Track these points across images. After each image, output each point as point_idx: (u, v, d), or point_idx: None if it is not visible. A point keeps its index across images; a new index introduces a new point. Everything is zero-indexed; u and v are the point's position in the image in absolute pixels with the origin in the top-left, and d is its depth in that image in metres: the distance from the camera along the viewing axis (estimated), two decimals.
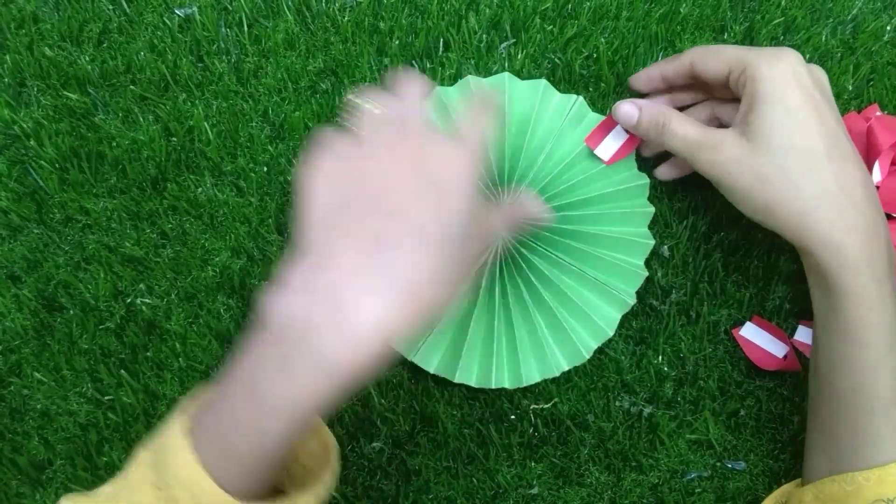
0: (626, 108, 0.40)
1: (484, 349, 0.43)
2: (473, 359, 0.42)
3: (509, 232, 0.42)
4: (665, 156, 0.42)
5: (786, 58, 0.35)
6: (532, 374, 0.42)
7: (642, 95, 0.42)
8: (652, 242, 0.42)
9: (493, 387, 0.42)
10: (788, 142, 0.34)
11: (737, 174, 0.35)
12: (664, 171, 0.43)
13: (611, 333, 0.42)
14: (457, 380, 0.42)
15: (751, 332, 0.43)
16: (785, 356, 0.42)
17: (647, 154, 0.43)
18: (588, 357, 0.42)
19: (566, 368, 0.42)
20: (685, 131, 0.37)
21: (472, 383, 0.42)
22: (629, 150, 0.42)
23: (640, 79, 0.41)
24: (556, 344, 0.42)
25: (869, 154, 0.41)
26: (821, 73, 0.36)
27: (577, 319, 0.42)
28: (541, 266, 0.42)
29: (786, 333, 0.43)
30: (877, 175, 0.41)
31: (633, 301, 0.42)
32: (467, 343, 0.42)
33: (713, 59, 0.37)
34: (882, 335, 0.34)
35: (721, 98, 0.40)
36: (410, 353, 0.43)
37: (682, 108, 0.41)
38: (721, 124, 0.40)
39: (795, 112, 0.34)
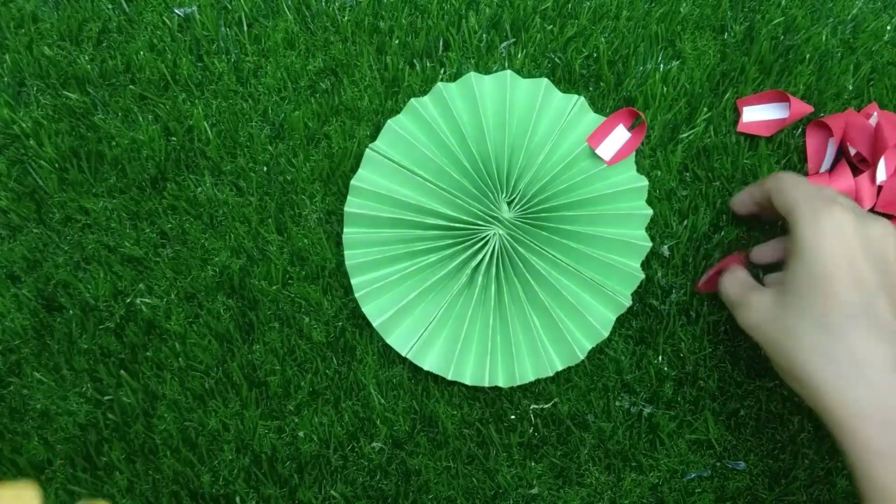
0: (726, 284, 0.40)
1: (479, 347, 0.43)
2: (468, 357, 0.43)
3: (506, 230, 0.42)
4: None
5: (834, 214, 0.33)
6: (526, 373, 0.43)
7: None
8: (649, 245, 0.42)
9: (487, 385, 0.42)
10: (809, 306, 0.33)
11: (767, 332, 0.35)
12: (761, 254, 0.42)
13: (605, 334, 0.42)
14: (451, 377, 0.42)
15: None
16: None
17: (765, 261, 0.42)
18: (582, 357, 0.42)
19: (560, 368, 0.42)
20: (727, 290, 0.39)
21: (467, 381, 0.43)
22: (630, 150, 0.42)
23: (735, 203, 0.42)
24: (550, 343, 0.43)
25: (875, 152, 0.41)
26: (880, 229, 0.34)
27: (571, 319, 0.42)
28: (537, 265, 0.42)
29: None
30: (881, 174, 0.40)
31: (628, 303, 0.42)
32: (462, 341, 0.42)
33: (779, 197, 0.36)
34: None
35: None
36: (405, 350, 0.43)
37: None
38: None
39: (823, 278, 0.33)
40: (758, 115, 0.43)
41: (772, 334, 0.34)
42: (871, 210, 0.41)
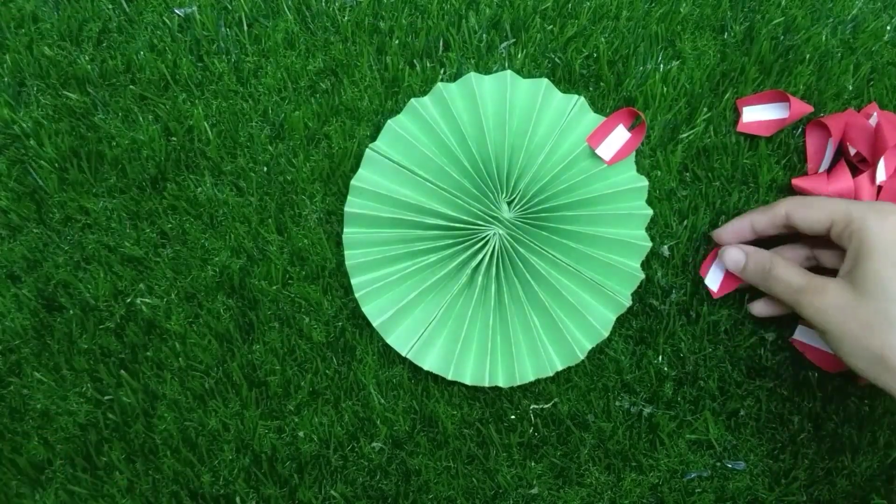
0: (734, 254, 0.41)
1: (479, 347, 0.43)
2: (468, 356, 0.43)
3: (506, 230, 0.42)
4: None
5: (891, 212, 0.35)
6: (526, 373, 0.43)
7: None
8: (649, 245, 0.42)
9: (487, 385, 0.42)
10: (892, 290, 0.34)
11: (843, 321, 0.35)
12: (760, 309, 0.42)
13: (605, 334, 0.42)
14: (451, 377, 0.42)
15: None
16: None
17: (762, 315, 0.42)
18: (582, 357, 0.42)
19: (560, 368, 0.42)
20: (790, 277, 0.38)
21: (467, 381, 0.43)
22: (630, 150, 0.42)
23: (727, 232, 0.41)
24: (550, 343, 0.43)
25: (875, 152, 0.41)
26: None
27: (571, 319, 0.42)
28: (537, 265, 0.42)
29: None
30: (881, 174, 0.40)
31: (628, 303, 0.42)
32: (462, 340, 0.42)
33: (813, 211, 0.37)
34: None
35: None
36: (405, 350, 0.43)
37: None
38: (819, 263, 0.41)
39: None
40: (758, 115, 0.43)
41: (851, 320, 0.35)
42: None
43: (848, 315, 0.35)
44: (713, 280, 0.43)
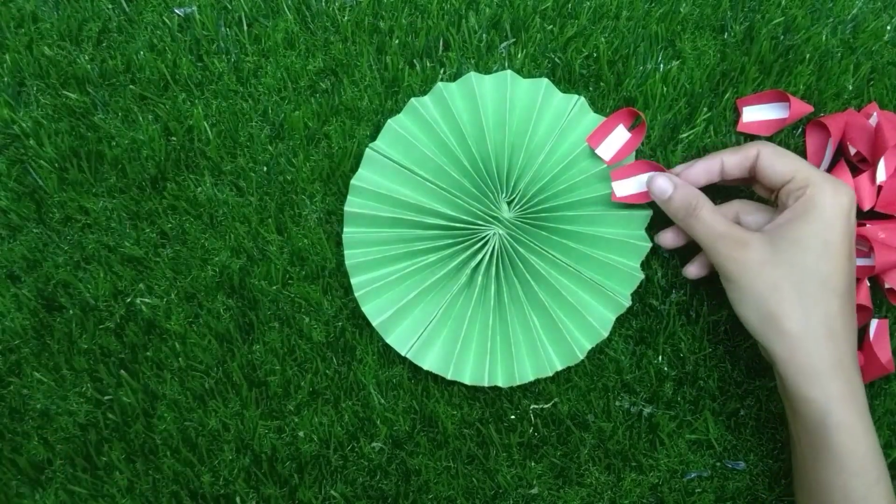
0: (661, 183, 0.39)
1: (478, 347, 0.43)
2: (468, 356, 0.43)
3: (506, 230, 0.42)
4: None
5: (846, 194, 0.36)
6: (526, 373, 0.43)
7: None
8: (649, 245, 0.42)
9: (487, 384, 0.42)
10: (814, 267, 0.35)
11: (754, 276, 0.36)
12: (668, 239, 0.42)
13: (605, 334, 0.42)
14: (450, 377, 0.42)
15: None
16: None
17: (668, 246, 0.42)
18: (581, 357, 0.42)
19: (560, 368, 0.42)
20: (714, 221, 0.37)
21: (466, 381, 0.43)
22: (630, 150, 0.42)
23: (696, 170, 0.39)
24: (550, 343, 0.43)
25: (875, 152, 0.41)
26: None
27: (571, 319, 0.42)
28: (537, 265, 0.42)
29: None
30: (881, 174, 0.40)
31: (627, 303, 0.42)
32: (462, 340, 0.42)
33: (782, 160, 0.37)
34: (870, 465, 0.35)
35: (747, 199, 0.41)
36: (404, 350, 0.43)
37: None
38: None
39: (833, 246, 0.35)
40: (758, 115, 0.43)
41: (759, 281, 0.36)
42: (871, 210, 0.41)
43: (760, 272, 0.36)
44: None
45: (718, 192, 0.42)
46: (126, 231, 0.44)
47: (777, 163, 0.37)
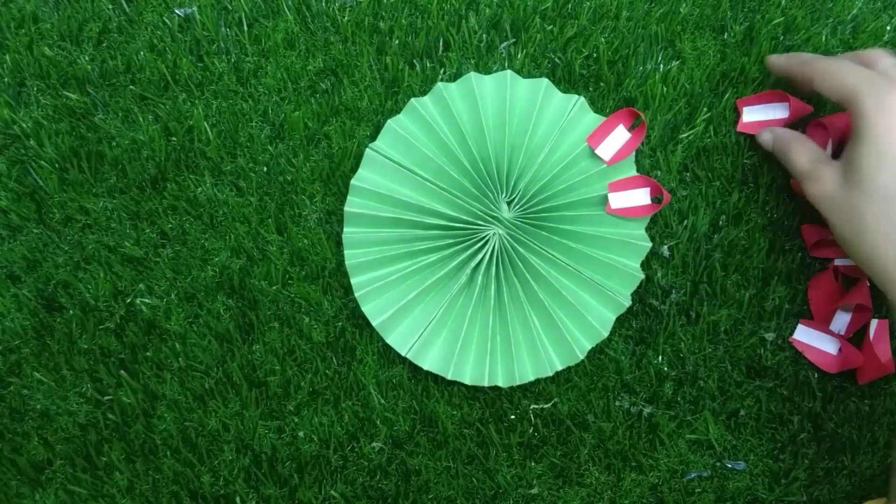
0: (764, 137, 0.42)
1: (479, 347, 0.43)
2: (468, 356, 0.43)
3: (506, 230, 0.42)
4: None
5: (891, 102, 0.35)
6: (526, 373, 0.43)
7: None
8: (648, 245, 0.42)
9: (487, 384, 0.42)
10: (876, 185, 0.35)
11: (833, 209, 0.36)
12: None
13: (605, 334, 0.42)
14: (450, 377, 0.43)
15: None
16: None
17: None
18: (582, 357, 0.42)
19: (560, 368, 0.42)
20: (799, 161, 0.39)
21: (466, 381, 0.43)
22: (630, 150, 0.42)
23: (772, 64, 0.41)
24: (550, 343, 0.43)
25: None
26: None
27: (571, 319, 0.42)
28: (537, 265, 0.42)
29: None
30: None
31: (627, 303, 0.42)
32: (462, 340, 0.42)
33: (831, 81, 0.37)
34: None
35: None
36: (404, 350, 0.43)
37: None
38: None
39: (890, 158, 0.34)
40: (758, 115, 0.43)
41: (839, 209, 0.36)
42: None
43: (837, 203, 0.36)
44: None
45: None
46: (126, 231, 0.44)
47: (828, 83, 0.37)
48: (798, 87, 0.41)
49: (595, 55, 0.44)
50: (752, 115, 0.43)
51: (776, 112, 0.43)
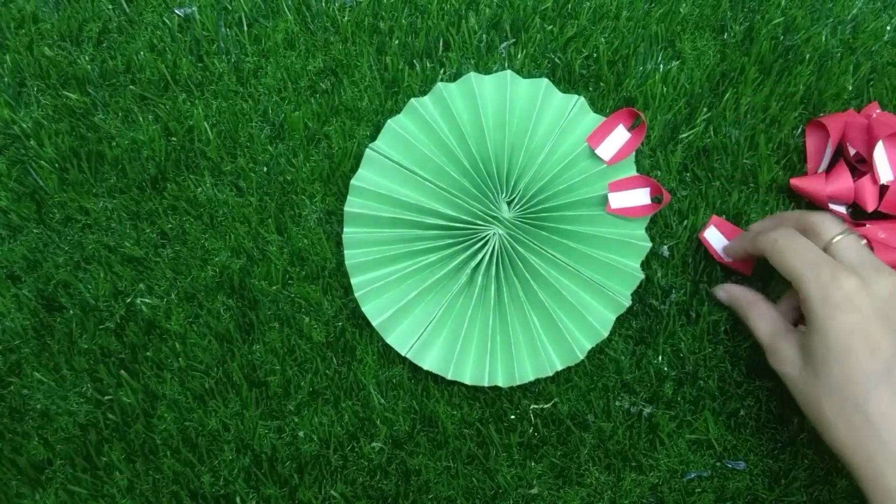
0: (720, 294, 0.42)
1: (479, 347, 0.43)
2: (468, 356, 0.43)
3: (506, 230, 0.42)
4: None
5: (841, 285, 0.34)
6: (526, 373, 0.43)
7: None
8: (648, 245, 0.42)
9: (487, 384, 0.42)
10: (830, 378, 0.34)
11: (794, 391, 0.37)
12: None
13: (605, 334, 0.42)
14: (450, 377, 0.42)
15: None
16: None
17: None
18: (582, 357, 0.42)
19: (560, 368, 0.42)
20: (758, 331, 0.39)
21: (466, 381, 0.43)
22: (630, 150, 0.42)
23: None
24: (550, 343, 0.43)
25: (871, 152, 0.41)
26: (889, 286, 0.34)
27: (571, 319, 0.42)
28: (537, 265, 0.42)
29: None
30: (885, 173, 0.40)
31: (627, 303, 0.42)
32: (462, 340, 0.42)
33: (778, 261, 0.37)
34: None
35: None
36: (404, 350, 0.43)
37: None
38: None
39: (839, 352, 0.34)
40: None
41: (798, 389, 0.36)
42: (875, 211, 0.41)
43: (796, 387, 0.36)
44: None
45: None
46: (126, 231, 0.44)
47: (776, 262, 0.37)
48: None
49: (595, 55, 0.44)
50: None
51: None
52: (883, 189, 0.41)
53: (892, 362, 0.33)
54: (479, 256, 0.42)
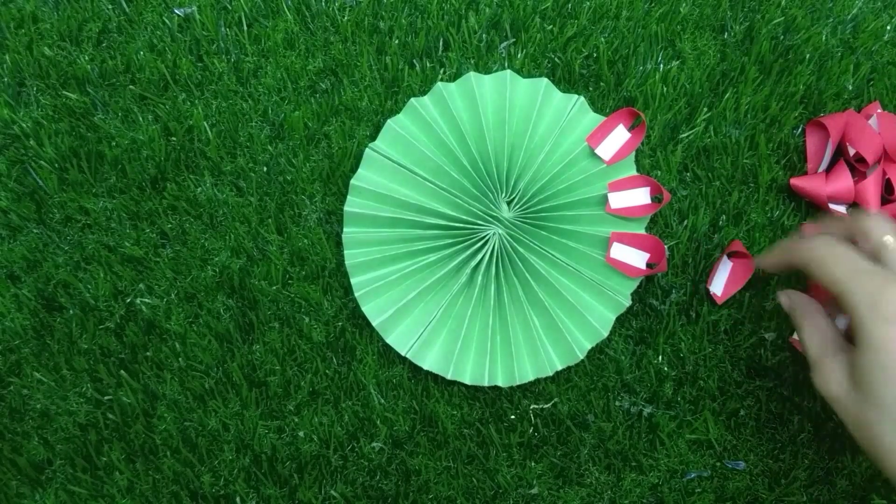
0: (782, 299, 0.38)
1: (478, 347, 0.43)
2: (468, 356, 0.43)
3: (506, 229, 0.42)
4: None
5: (893, 289, 0.31)
6: (526, 373, 0.43)
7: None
8: None
9: (487, 384, 0.42)
10: (885, 401, 0.31)
11: (842, 413, 0.33)
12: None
13: (605, 334, 0.42)
14: (450, 377, 0.42)
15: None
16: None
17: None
18: (582, 357, 0.42)
19: (560, 368, 0.42)
20: (807, 343, 0.35)
21: (466, 381, 0.43)
22: (630, 150, 0.42)
23: (764, 266, 0.38)
24: (550, 343, 0.43)
25: (875, 153, 0.41)
26: None
27: (571, 319, 0.42)
28: (537, 265, 0.42)
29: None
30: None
31: (627, 302, 0.42)
32: (462, 340, 0.42)
33: (821, 273, 0.33)
34: None
35: None
36: (404, 350, 0.43)
37: None
38: None
39: (893, 363, 0.30)
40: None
41: (848, 413, 0.33)
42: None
43: (845, 410, 0.33)
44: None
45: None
46: (126, 231, 0.44)
47: (820, 275, 0.33)
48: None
49: (595, 55, 0.44)
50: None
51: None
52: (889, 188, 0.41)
53: None
54: (479, 256, 0.42)
